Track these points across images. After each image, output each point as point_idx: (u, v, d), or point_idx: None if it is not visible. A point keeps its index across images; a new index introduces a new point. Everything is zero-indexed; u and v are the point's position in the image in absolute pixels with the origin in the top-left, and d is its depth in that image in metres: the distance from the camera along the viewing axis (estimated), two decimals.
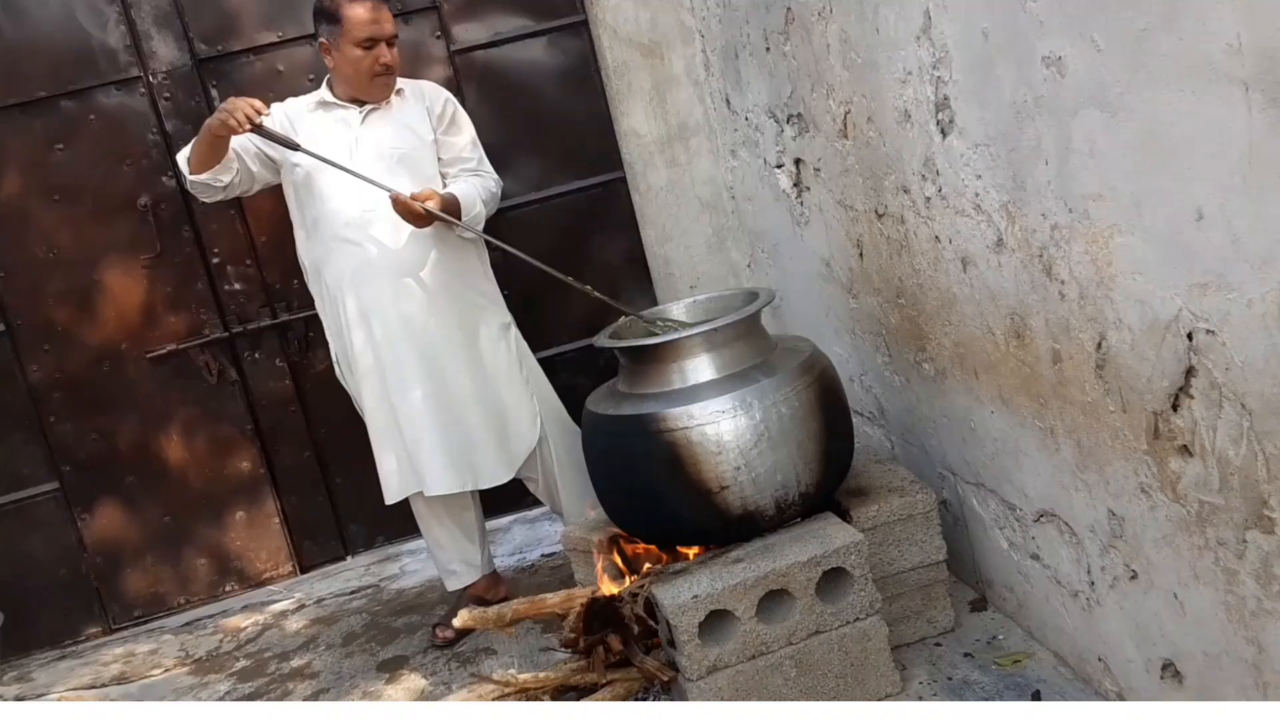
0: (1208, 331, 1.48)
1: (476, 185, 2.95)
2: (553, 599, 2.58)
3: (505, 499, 3.62)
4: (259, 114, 2.76)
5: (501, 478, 3.08)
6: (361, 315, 2.95)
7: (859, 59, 2.38)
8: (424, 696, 2.83)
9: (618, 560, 2.53)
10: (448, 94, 3.08)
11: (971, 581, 2.58)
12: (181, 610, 3.81)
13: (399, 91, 2.98)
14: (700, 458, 2.28)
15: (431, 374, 2.97)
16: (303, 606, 3.67)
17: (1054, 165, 1.75)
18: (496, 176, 3.09)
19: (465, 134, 3.05)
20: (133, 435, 3.70)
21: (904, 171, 2.30)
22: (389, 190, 2.76)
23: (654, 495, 2.36)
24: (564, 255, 3.63)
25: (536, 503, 3.65)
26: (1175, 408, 1.58)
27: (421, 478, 3.00)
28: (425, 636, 3.19)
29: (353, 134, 2.93)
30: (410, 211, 2.74)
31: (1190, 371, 1.54)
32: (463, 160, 3.02)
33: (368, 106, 2.95)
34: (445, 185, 2.97)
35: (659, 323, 2.65)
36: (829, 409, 2.40)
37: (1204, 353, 1.50)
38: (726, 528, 2.34)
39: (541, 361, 3.78)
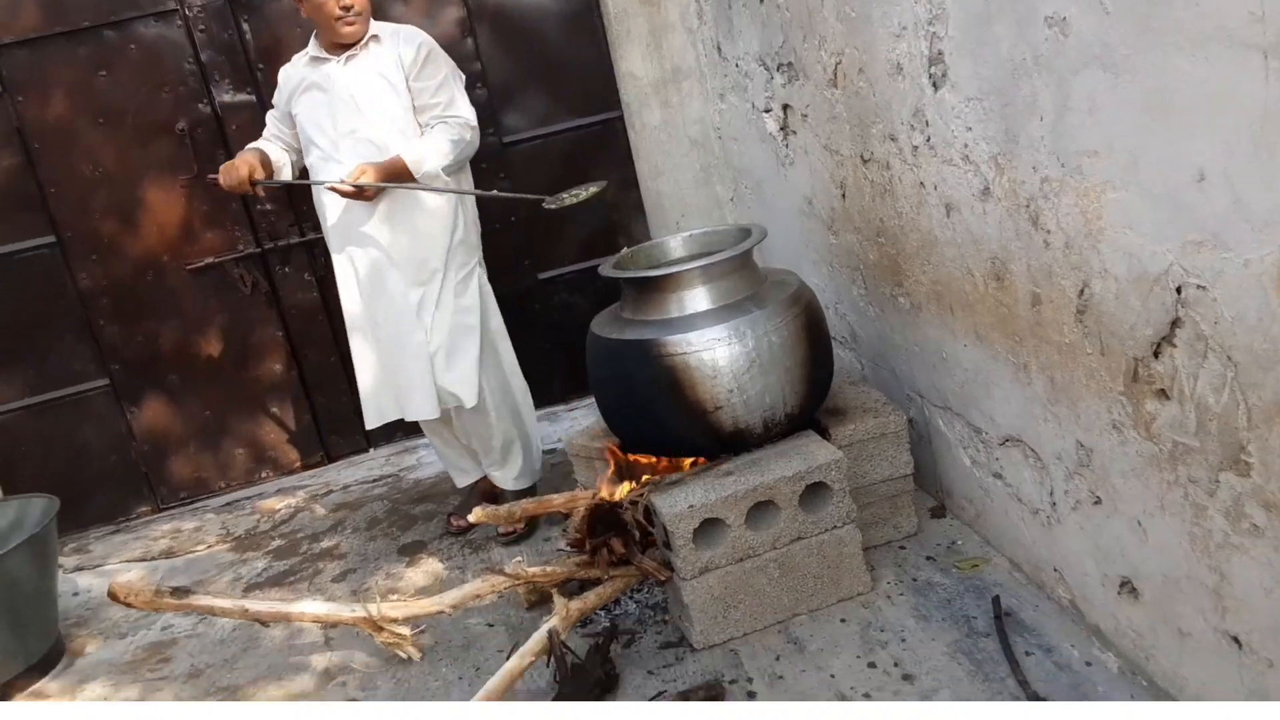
0: (1198, 287, 1.33)
1: (436, 138, 2.58)
2: (558, 499, 2.44)
3: None
4: (251, 178, 2.59)
5: (429, 414, 2.76)
6: (341, 267, 2.73)
7: (853, 13, 2.17)
8: (441, 580, 2.72)
9: (617, 468, 2.39)
10: (423, 38, 2.63)
11: (932, 490, 2.48)
12: (222, 493, 3.66)
13: (375, 37, 2.61)
14: (697, 381, 2.14)
15: (387, 321, 2.69)
16: (330, 492, 3.53)
17: (1049, 122, 1.57)
18: (466, 117, 2.63)
19: (435, 79, 2.61)
20: (175, 338, 3.50)
21: (892, 121, 2.11)
22: (324, 184, 2.54)
23: (653, 413, 2.22)
24: (565, 186, 3.41)
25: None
26: (1157, 355, 1.45)
27: (381, 408, 2.78)
28: (441, 523, 3.07)
29: (331, 86, 2.61)
30: (347, 194, 2.48)
31: (1176, 323, 1.39)
32: (430, 107, 2.61)
33: (346, 54, 2.60)
34: (421, 133, 2.63)
35: (653, 251, 2.46)
36: (814, 339, 2.25)
37: (1192, 306, 1.35)
38: (719, 443, 2.21)
39: (543, 283, 3.58)
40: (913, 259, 2.20)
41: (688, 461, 2.27)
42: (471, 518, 2.39)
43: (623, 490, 2.28)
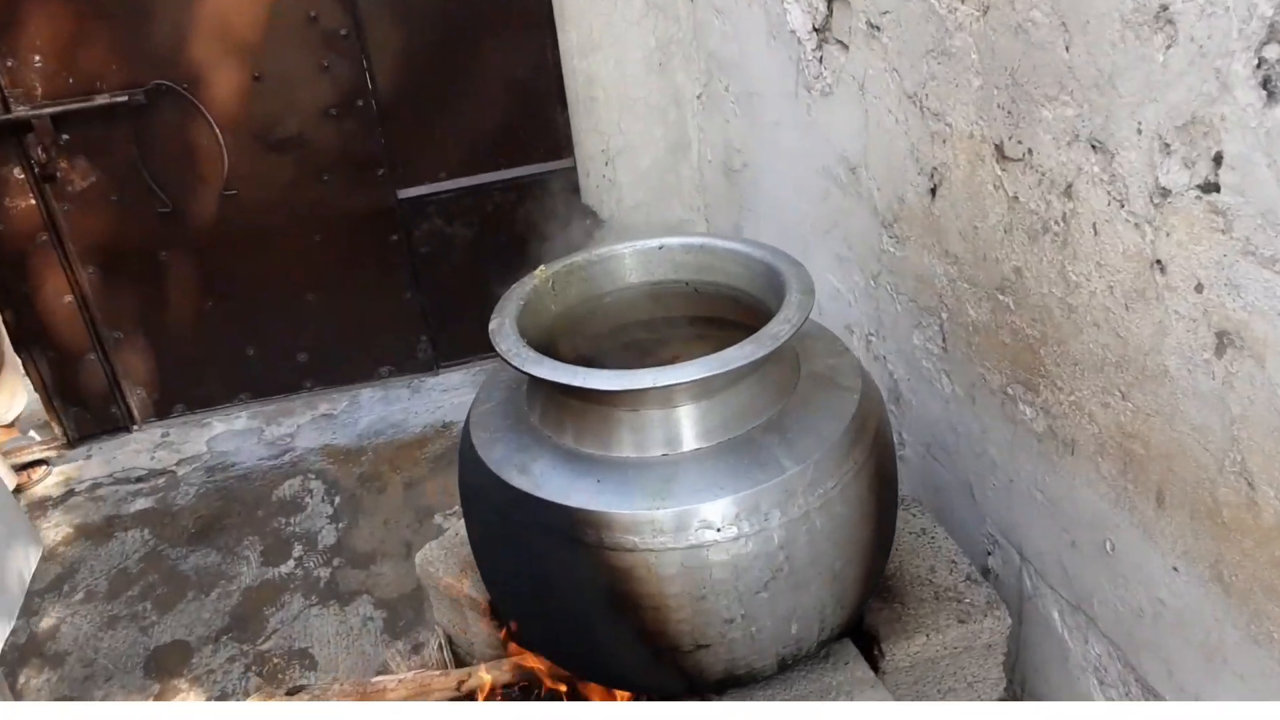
0: None
1: None
2: (394, 686, 1.48)
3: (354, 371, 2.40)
4: None
5: None
6: None
7: None
8: None
9: (512, 660, 1.41)
10: None
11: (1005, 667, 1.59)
12: None
13: None
14: (668, 603, 1.14)
15: None
16: (57, 503, 2.43)
17: None
18: None
19: None
20: None
21: (1113, 112, 1.06)
22: None
23: (582, 632, 1.22)
24: (446, 58, 2.23)
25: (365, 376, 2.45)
26: None
27: None
28: (235, 593, 2.05)
29: None
30: None
31: None
32: None
33: None
34: None
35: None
36: (882, 499, 1.26)
37: None
38: (692, 689, 1.24)
39: (406, 205, 2.46)
40: (1082, 370, 1.21)
41: (625, 695, 1.31)
42: None
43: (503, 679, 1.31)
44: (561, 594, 1.20)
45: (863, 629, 1.39)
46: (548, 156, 2.51)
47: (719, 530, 1.12)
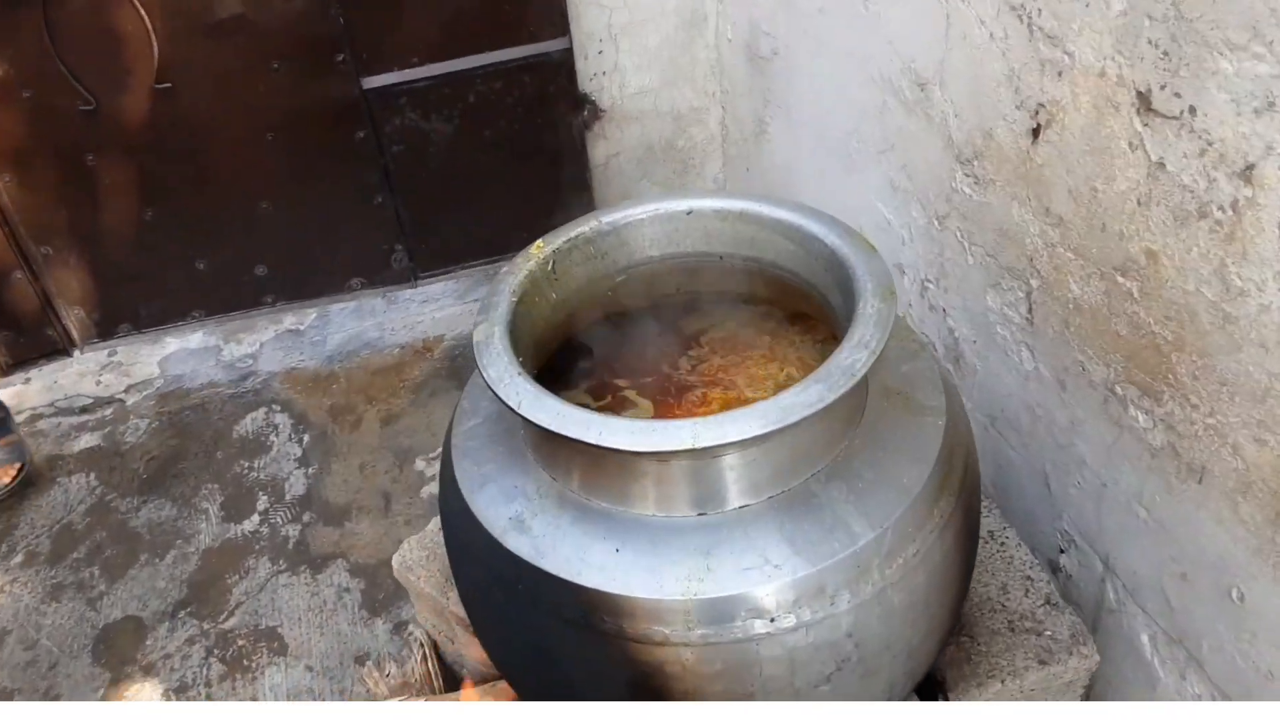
0: None
1: None
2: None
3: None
4: None
5: None
6: None
7: None
8: None
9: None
10: None
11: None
12: None
13: None
14: (706, 700, 0.92)
15: None
16: None
17: None
18: None
19: None
20: None
21: None
22: None
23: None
24: None
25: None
26: None
27: None
28: (196, 553, 1.84)
29: None
30: None
31: None
32: None
33: None
34: None
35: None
36: (968, 550, 1.04)
37: None
38: None
39: (372, 96, 2.16)
40: (1232, 394, 0.97)
41: None
42: None
43: None
44: (574, 678, 0.98)
45: (927, 674, 1.18)
46: (539, 36, 2.16)
47: (773, 620, 0.88)
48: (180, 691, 1.68)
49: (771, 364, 1.20)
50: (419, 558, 1.40)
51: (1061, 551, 1.37)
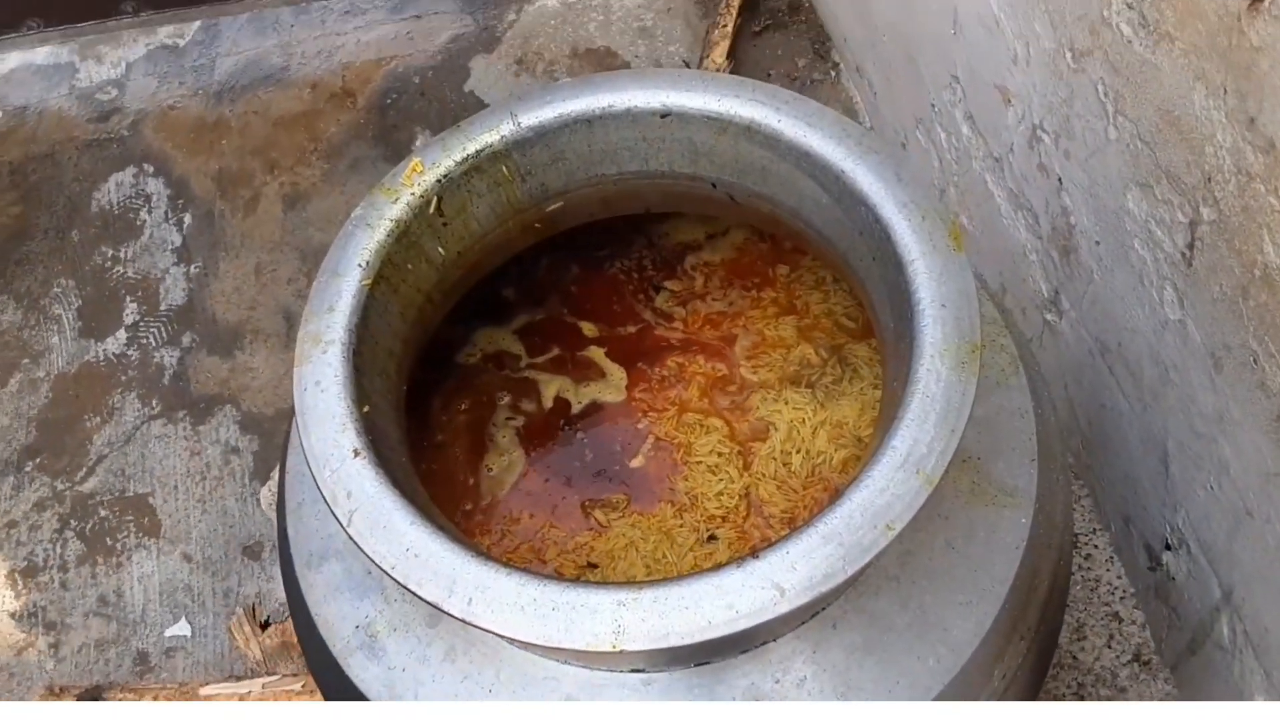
0: None
1: None
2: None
3: None
4: None
5: None
6: None
7: None
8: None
9: None
10: None
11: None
12: None
13: None
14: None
15: None
16: None
17: None
18: None
19: None
20: None
21: None
22: None
23: None
24: None
25: None
26: None
27: None
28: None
29: None
30: None
31: None
32: None
33: None
34: None
35: None
36: (1038, 687, 0.83)
37: None
38: None
39: None
40: None
41: None
42: None
43: None
44: None
45: None
46: None
47: None
48: (29, 575, 1.57)
49: (784, 322, 0.94)
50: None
51: (1169, 548, 1.17)
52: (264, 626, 1.31)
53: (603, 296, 0.96)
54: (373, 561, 0.65)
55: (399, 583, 0.64)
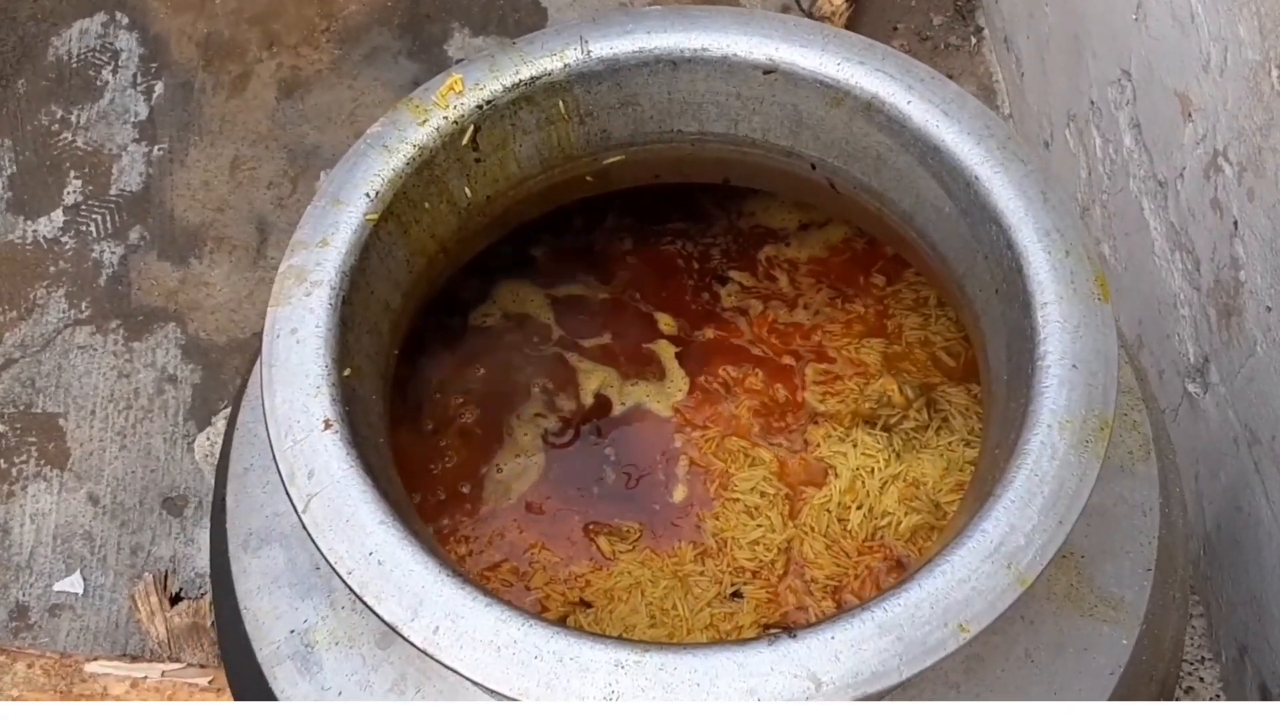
0: None
1: None
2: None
3: None
4: None
5: None
6: None
7: None
8: None
9: None
10: None
11: None
12: None
13: None
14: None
15: None
16: None
17: None
18: None
19: None
20: None
21: None
22: None
23: None
24: None
25: None
26: None
27: None
28: None
29: None
30: None
31: None
32: None
33: None
34: None
35: None
36: None
37: None
38: None
39: None
40: None
41: None
42: None
43: None
44: None
45: None
46: None
47: None
48: None
49: (869, 344, 0.95)
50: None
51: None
52: (174, 600, 1.33)
53: (672, 283, 0.97)
54: (326, 559, 0.66)
55: (354, 591, 0.65)
